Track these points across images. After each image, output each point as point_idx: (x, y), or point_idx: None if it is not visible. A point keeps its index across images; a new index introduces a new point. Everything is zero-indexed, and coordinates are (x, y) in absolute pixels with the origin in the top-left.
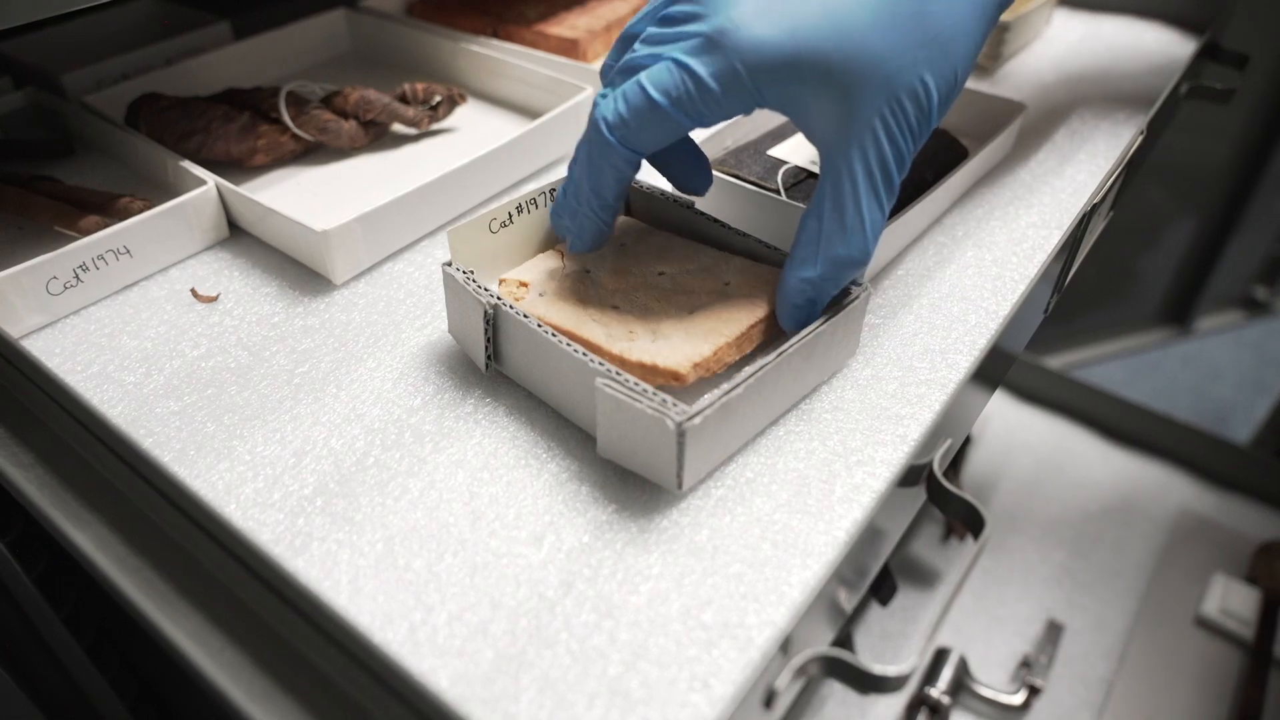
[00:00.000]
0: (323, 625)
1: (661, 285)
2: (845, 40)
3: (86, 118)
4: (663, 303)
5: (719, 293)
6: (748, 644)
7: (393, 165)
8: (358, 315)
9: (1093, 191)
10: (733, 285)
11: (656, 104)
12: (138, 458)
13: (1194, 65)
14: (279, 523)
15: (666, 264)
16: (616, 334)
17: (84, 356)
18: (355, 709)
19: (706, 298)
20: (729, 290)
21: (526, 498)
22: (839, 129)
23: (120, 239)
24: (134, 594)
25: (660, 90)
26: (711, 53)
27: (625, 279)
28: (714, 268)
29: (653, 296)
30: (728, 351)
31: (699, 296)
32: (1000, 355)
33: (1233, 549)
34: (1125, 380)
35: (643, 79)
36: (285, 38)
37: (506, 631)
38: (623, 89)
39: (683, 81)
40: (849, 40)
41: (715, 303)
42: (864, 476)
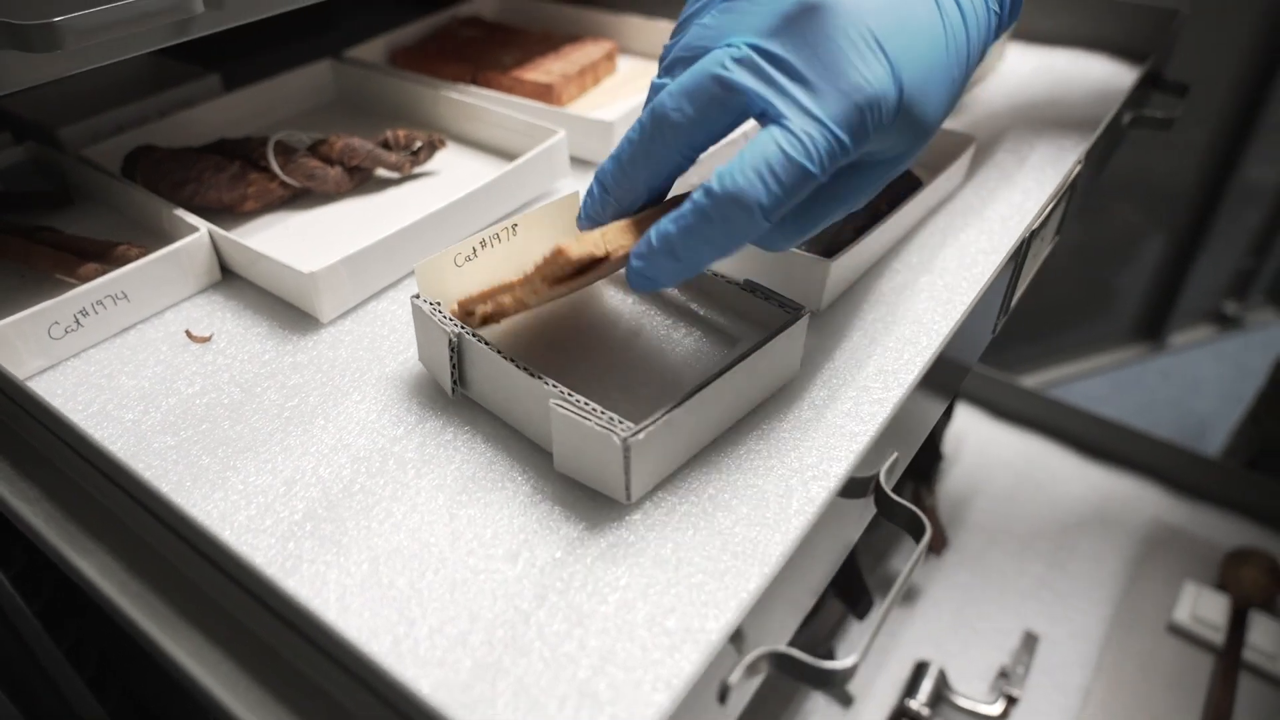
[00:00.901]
0: (315, 639)
1: None
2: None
3: (84, 170)
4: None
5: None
6: (708, 647)
7: (377, 208)
8: (344, 351)
9: (1032, 217)
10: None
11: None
12: (139, 488)
13: (1137, 94)
14: (271, 547)
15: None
16: None
17: (84, 396)
18: (345, 717)
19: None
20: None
21: (503, 517)
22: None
23: (118, 285)
24: (136, 616)
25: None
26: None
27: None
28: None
29: None
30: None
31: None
32: (944, 372)
33: (1203, 557)
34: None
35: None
36: (273, 88)
37: (484, 641)
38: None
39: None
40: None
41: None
42: (818, 489)
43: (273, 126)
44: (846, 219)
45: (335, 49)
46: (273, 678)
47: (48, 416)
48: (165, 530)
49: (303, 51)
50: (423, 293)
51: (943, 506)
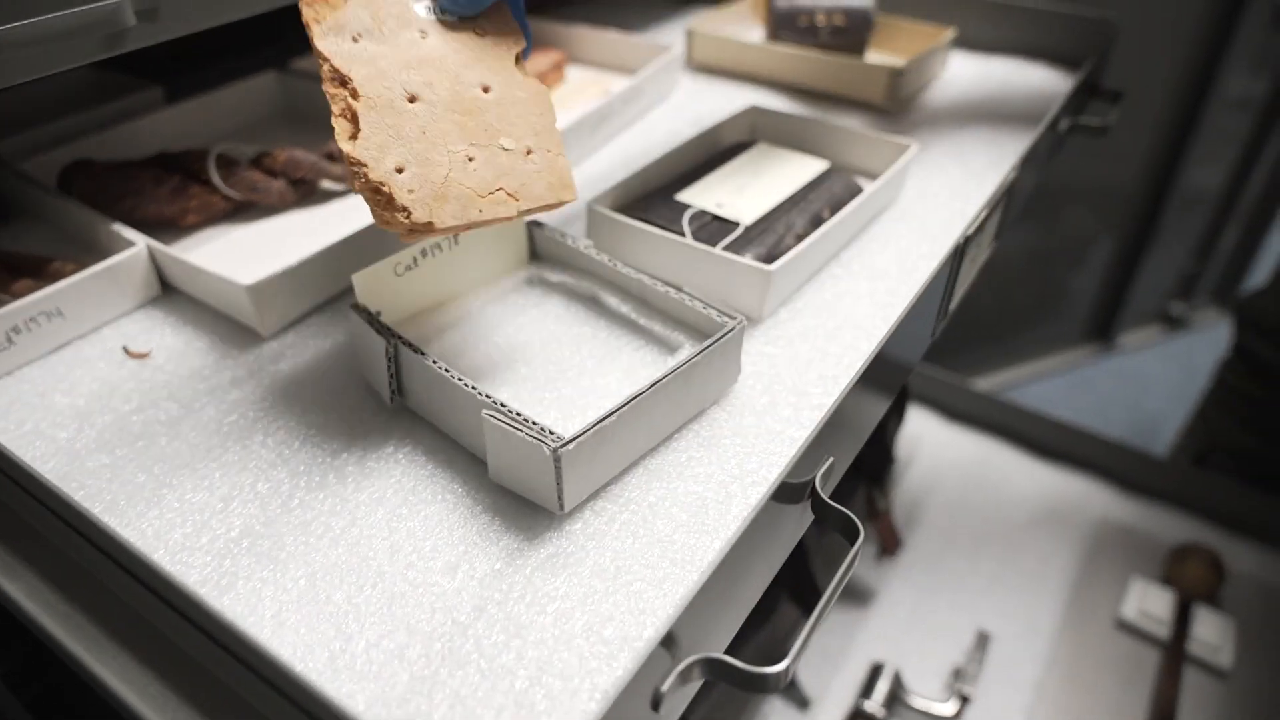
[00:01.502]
0: (246, 659)
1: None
2: None
3: (20, 184)
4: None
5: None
6: (644, 655)
7: (322, 220)
8: (285, 365)
9: (967, 223)
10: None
11: None
12: (68, 509)
13: (1073, 102)
14: (206, 564)
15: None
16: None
17: (17, 415)
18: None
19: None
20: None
21: (442, 530)
22: None
23: (52, 301)
24: (63, 637)
25: None
26: None
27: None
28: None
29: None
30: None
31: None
32: (883, 374)
33: (1149, 553)
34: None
35: None
36: (217, 100)
37: (421, 655)
38: None
39: None
40: None
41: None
42: (757, 495)
43: (217, 139)
44: (786, 227)
45: (283, 61)
46: (205, 699)
47: None
48: (96, 552)
49: (250, 64)
50: (362, 301)
51: (897, 508)
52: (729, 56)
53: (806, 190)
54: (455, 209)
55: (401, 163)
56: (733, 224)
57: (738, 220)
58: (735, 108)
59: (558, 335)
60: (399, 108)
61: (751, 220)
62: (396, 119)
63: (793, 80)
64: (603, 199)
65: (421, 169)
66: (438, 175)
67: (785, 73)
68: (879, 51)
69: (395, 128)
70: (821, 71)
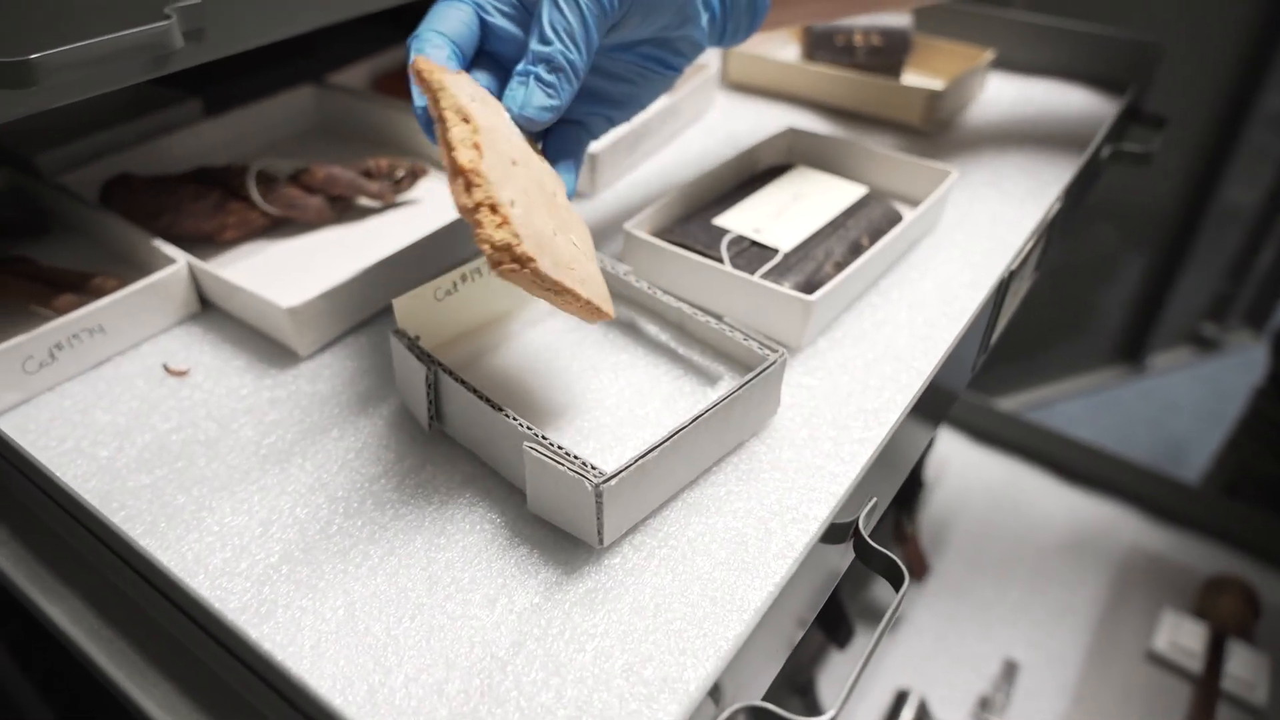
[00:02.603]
0: (285, 692)
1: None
2: None
3: (61, 198)
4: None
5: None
6: (685, 698)
7: (358, 237)
8: (323, 386)
9: (1011, 258)
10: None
11: None
12: (108, 533)
13: (1117, 126)
14: (246, 591)
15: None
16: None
17: (58, 432)
18: None
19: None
20: None
21: (481, 561)
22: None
23: (94, 318)
24: (106, 665)
25: None
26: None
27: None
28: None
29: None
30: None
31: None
32: (927, 411)
33: (1180, 584)
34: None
35: None
36: (255, 114)
37: (460, 690)
38: None
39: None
40: None
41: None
42: (798, 533)
43: (254, 152)
44: (825, 254)
45: (317, 73)
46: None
47: (16, 456)
48: (136, 576)
49: (284, 76)
50: (402, 326)
51: (924, 533)
52: (765, 75)
53: (845, 217)
54: (549, 263)
55: (514, 199)
56: (771, 250)
57: (776, 247)
58: (771, 127)
59: (595, 363)
60: (507, 164)
61: (790, 247)
62: (507, 169)
63: (828, 100)
64: (640, 222)
65: (527, 215)
66: (537, 226)
67: (821, 92)
68: (916, 72)
69: (509, 175)
70: (858, 92)
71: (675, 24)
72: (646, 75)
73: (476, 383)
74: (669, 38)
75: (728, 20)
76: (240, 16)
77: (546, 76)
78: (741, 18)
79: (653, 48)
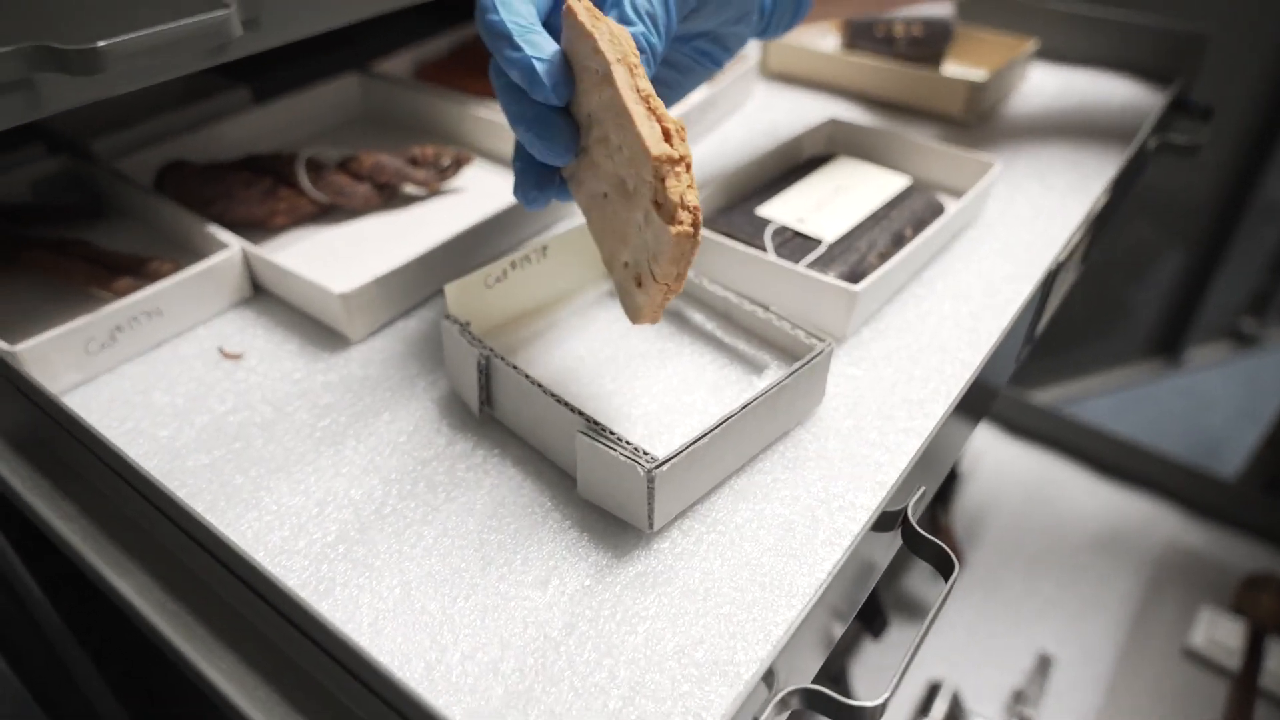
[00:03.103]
0: (347, 664)
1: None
2: None
3: (116, 183)
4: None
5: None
6: (736, 680)
7: (404, 224)
8: (374, 370)
9: (1058, 251)
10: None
11: None
12: (175, 510)
13: (1163, 119)
14: (304, 569)
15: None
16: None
17: (119, 413)
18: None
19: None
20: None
21: (532, 543)
22: None
23: (153, 301)
24: (174, 636)
25: None
26: None
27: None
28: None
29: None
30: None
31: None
32: (973, 403)
33: (1216, 581)
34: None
35: None
36: (302, 102)
37: (515, 669)
38: None
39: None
40: None
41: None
42: (845, 521)
43: (301, 139)
44: (869, 245)
45: (359, 61)
46: (307, 701)
47: (85, 435)
48: (201, 551)
49: (328, 63)
50: (453, 312)
51: (957, 525)
52: (804, 65)
53: (888, 208)
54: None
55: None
56: (815, 241)
57: (820, 238)
58: (810, 118)
59: (642, 350)
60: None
61: (834, 238)
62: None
63: (869, 90)
64: None
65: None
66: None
67: (861, 83)
68: (957, 62)
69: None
70: (898, 82)
71: (734, 18)
72: (694, 67)
73: (525, 368)
74: (722, 32)
75: (774, 15)
76: (294, 6)
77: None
78: (785, 14)
79: (706, 41)
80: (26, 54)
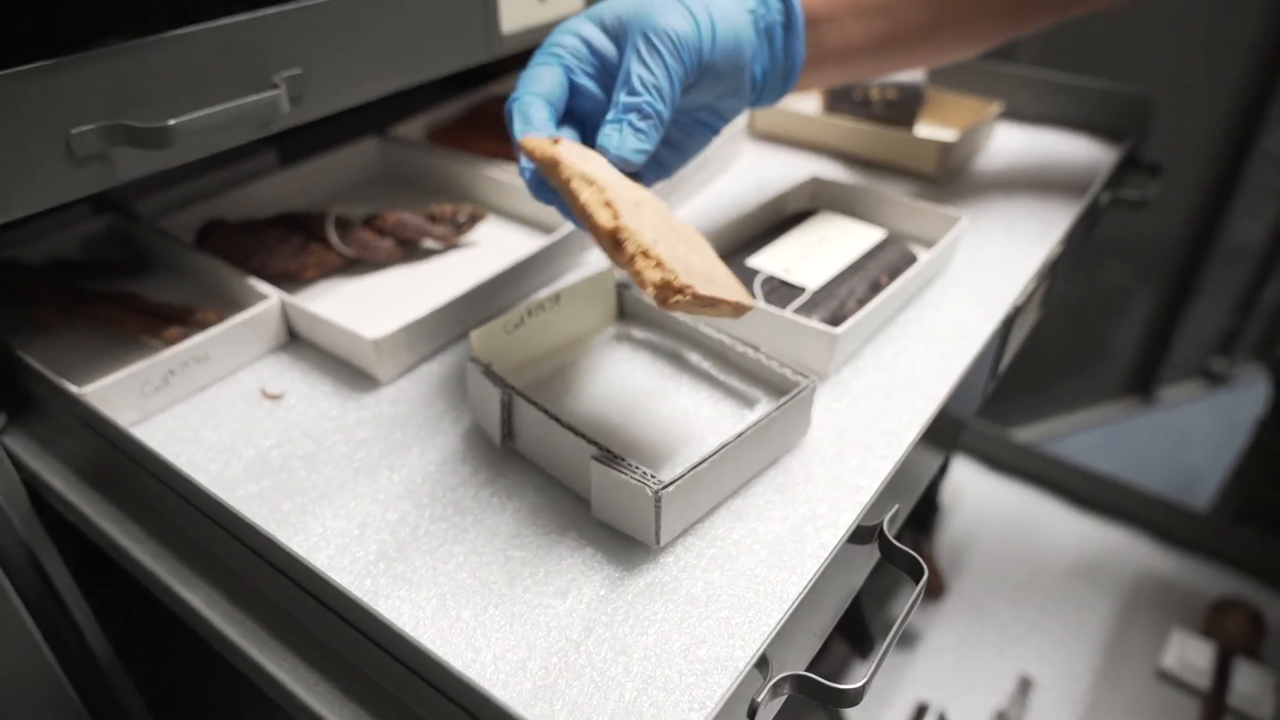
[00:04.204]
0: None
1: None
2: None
3: (159, 239)
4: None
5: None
6: (735, 672)
7: (424, 276)
8: (403, 408)
9: (1015, 296)
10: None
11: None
12: (242, 528)
13: (1115, 174)
14: (351, 583)
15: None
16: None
17: (173, 449)
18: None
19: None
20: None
21: (552, 559)
22: None
23: (201, 348)
24: (240, 641)
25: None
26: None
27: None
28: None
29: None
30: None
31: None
32: (940, 431)
33: (1188, 606)
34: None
35: None
36: (326, 164)
37: (541, 667)
38: None
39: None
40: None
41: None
42: (829, 536)
43: (324, 198)
44: (849, 292)
45: (376, 123)
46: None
47: (154, 463)
48: (264, 564)
49: (346, 125)
50: (478, 355)
51: (942, 554)
52: (789, 127)
53: (866, 258)
54: (702, 282)
55: (655, 239)
56: (799, 288)
57: (804, 285)
58: (795, 175)
59: (645, 388)
60: (633, 208)
61: (817, 285)
62: (635, 213)
63: (848, 150)
64: None
65: (669, 248)
66: (680, 254)
67: (841, 143)
68: (929, 123)
69: (639, 218)
70: (875, 142)
71: (728, 92)
72: (693, 134)
73: (542, 404)
74: (718, 105)
75: (765, 88)
76: (332, 83)
77: (638, 124)
78: (775, 86)
79: (705, 113)
80: (105, 131)
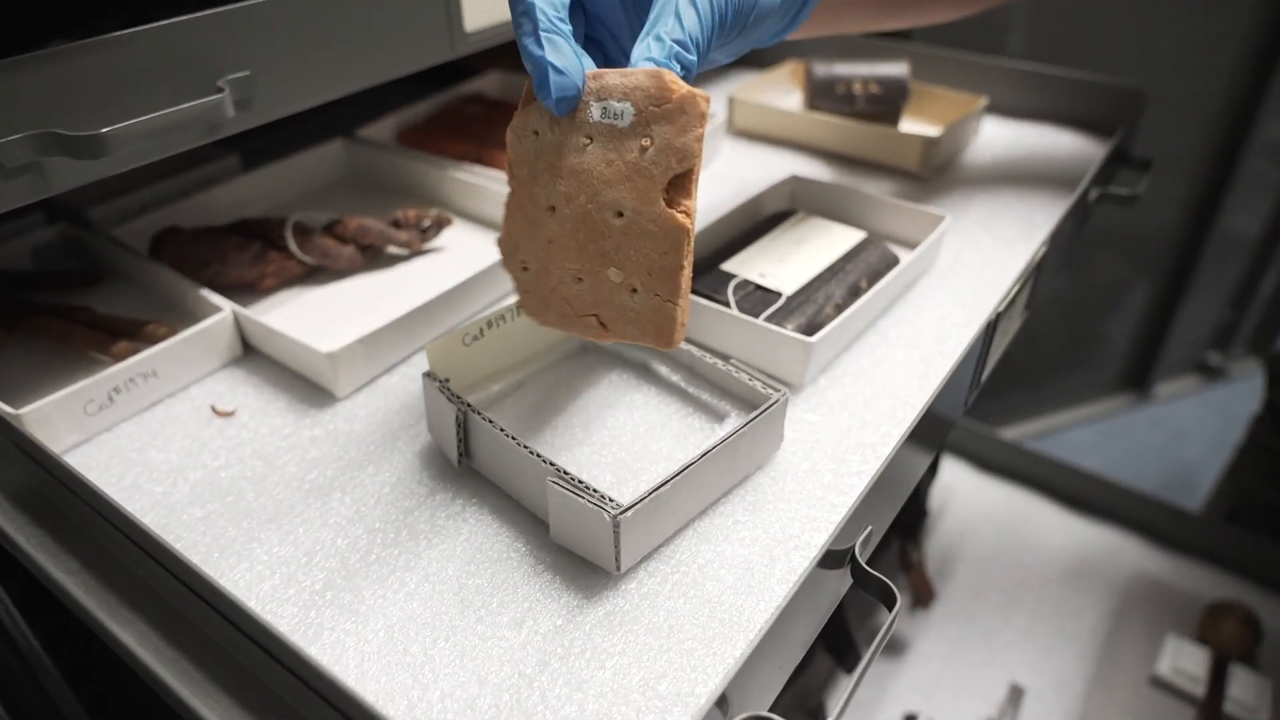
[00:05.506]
0: (337, 704)
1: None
2: None
3: (114, 249)
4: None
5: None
6: (697, 710)
7: (387, 284)
8: (359, 425)
9: (999, 299)
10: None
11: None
12: (173, 561)
13: (1104, 170)
14: (294, 615)
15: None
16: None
17: (117, 470)
18: None
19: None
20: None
21: (508, 587)
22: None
23: (149, 363)
24: (172, 682)
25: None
26: None
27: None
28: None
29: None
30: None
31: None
32: (919, 441)
33: (1182, 609)
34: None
35: None
36: (289, 167)
37: (491, 705)
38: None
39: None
40: None
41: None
42: (800, 560)
43: (288, 202)
44: (826, 297)
45: (344, 124)
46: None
47: (86, 492)
48: (198, 601)
49: (313, 127)
50: (433, 370)
51: (930, 560)
52: (769, 123)
53: (844, 260)
54: (554, 317)
55: (527, 263)
56: (775, 294)
57: (779, 290)
58: (775, 173)
59: (611, 401)
60: (536, 216)
61: (793, 290)
62: (532, 226)
63: (830, 147)
64: None
65: (539, 273)
66: (547, 285)
67: (823, 139)
68: (913, 119)
69: (531, 233)
70: (858, 139)
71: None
72: None
73: (501, 421)
74: None
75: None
76: (283, 86)
77: (685, 58)
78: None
79: None
80: (35, 140)
